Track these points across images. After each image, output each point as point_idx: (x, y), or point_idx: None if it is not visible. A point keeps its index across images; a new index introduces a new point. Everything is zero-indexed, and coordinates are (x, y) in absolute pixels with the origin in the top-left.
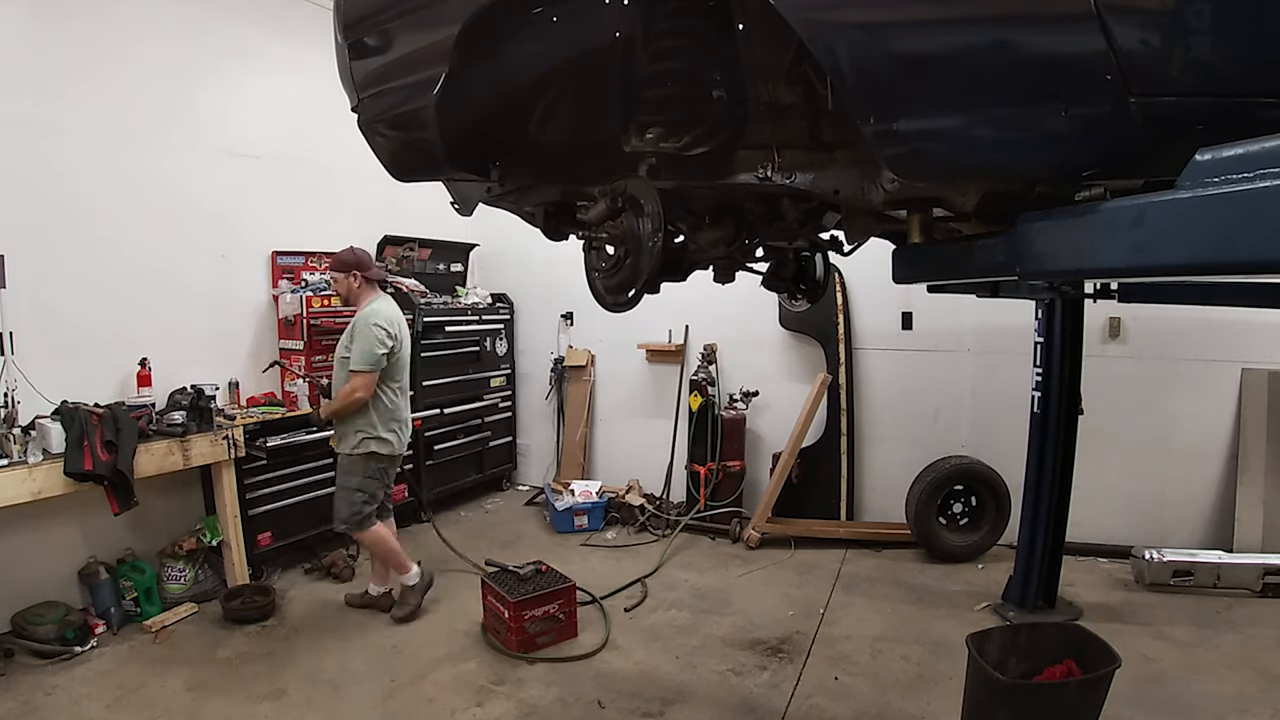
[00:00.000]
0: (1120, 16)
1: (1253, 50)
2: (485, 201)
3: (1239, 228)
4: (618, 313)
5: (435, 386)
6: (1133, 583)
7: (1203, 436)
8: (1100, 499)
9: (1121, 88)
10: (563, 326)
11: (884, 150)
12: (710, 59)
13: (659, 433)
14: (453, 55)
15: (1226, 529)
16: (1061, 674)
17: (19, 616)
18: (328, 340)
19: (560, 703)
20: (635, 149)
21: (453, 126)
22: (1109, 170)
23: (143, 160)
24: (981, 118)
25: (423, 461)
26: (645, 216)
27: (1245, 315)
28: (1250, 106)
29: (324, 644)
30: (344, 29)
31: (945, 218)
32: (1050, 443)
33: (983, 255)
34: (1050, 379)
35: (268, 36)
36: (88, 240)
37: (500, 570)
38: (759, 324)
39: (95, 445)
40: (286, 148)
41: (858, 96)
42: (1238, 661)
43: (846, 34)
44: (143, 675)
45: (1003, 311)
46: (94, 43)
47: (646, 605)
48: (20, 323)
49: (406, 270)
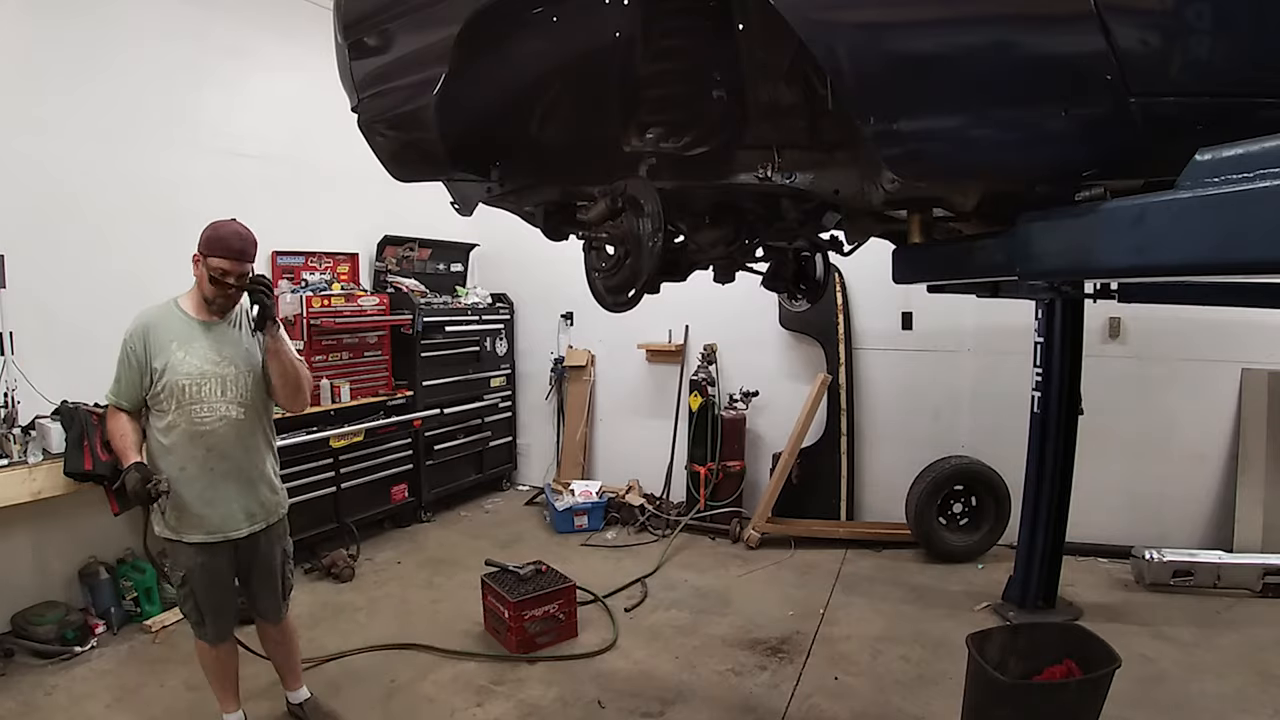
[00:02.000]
0: (1120, 17)
1: (1252, 50)
2: (485, 201)
3: (1238, 227)
4: (618, 313)
5: (435, 386)
6: (1133, 583)
7: (1203, 436)
8: (1100, 499)
9: (1121, 88)
10: (563, 326)
11: (884, 150)
12: (710, 59)
13: (659, 433)
14: (453, 55)
15: (1226, 529)
16: (1061, 674)
17: (19, 616)
18: (328, 340)
19: (560, 703)
20: (635, 149)
21: (453, 126)
22: (1109, 170)
23: (142, 160)
24: (982, 118)
25: (423, 461)
26: (645, 216)
27: (1245, 315)
28: (1249, 107)
29: (323, 644)
30: (344, 29)
31: (945, 218)
32: (1050, 443)
33: (983, 255)
34: (1050, 379)
35: (268, 37)
36: (88, 240)
37: (500, 570)
38: (759, 324)
39: (95, 445)
40: (286, 148)
41: (858, 96)
42: (1238, 661)
43: (847, 34)
44: (142, 675)
45: (1003, 312)
46: (94, 43)
47: (646, 605)
48: (20, 323)
49: (407, 270)
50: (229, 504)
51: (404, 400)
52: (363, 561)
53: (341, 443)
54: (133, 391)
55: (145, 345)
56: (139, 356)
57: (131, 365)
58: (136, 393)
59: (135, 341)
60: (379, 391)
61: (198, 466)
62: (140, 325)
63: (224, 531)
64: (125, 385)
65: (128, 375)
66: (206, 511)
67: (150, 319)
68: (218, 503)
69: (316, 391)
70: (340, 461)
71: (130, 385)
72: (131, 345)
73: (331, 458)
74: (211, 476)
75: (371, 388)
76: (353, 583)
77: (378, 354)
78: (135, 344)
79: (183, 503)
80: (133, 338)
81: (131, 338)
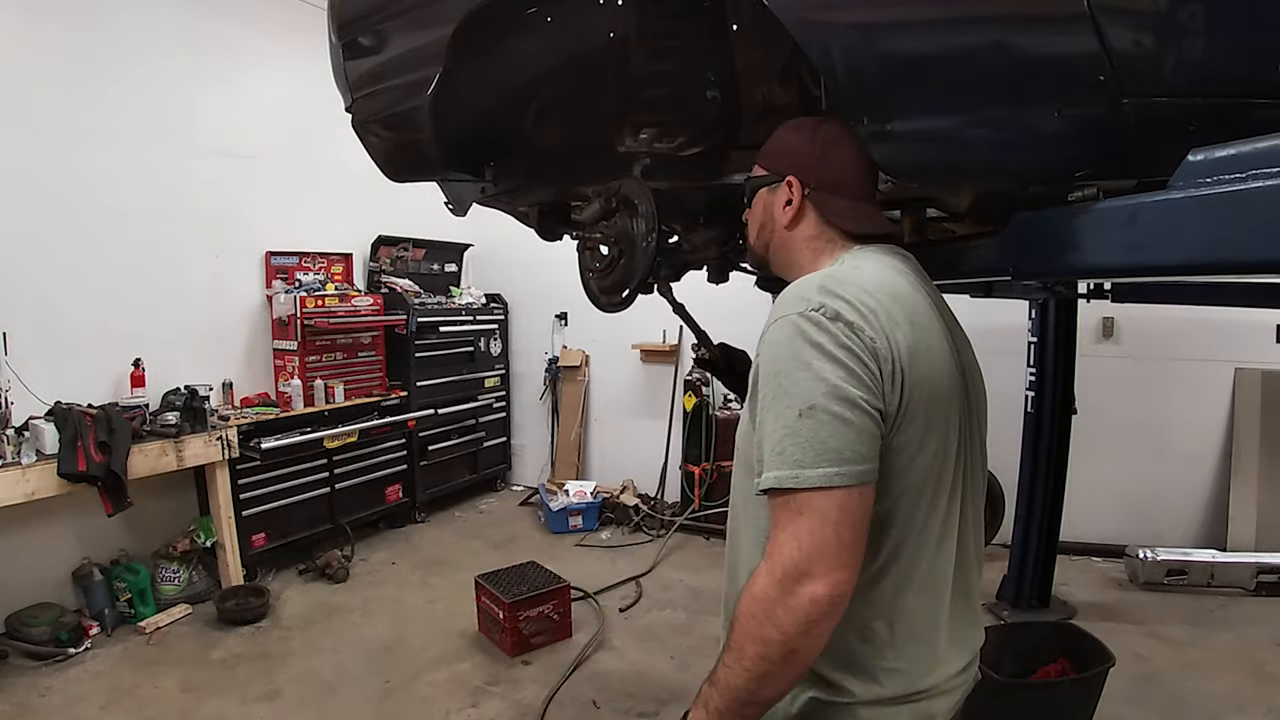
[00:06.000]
0: (1113, 17)
1: (1246, 51)
2: (479, 202)
3: (1231, 228)
4: (612, 313)
5: (429, 387)
6: (1127, 582)
7: (1196, 436)
8: (1094, 498)
9: (1115, 88)
10: (557, 326)
11: (877, 151)
12: (705, 60)
13: (653, 433)
14: (447, 55)
15: (1220, 528)
16: (1056, 673)
17: (13, 618)
18: (322, 340)
19: (555, 703)
20: (629, 149)
21: (447, 126)
22: (1102, 170)
23: (136, 161)
24: (975, 118)
25: (417, 462)
26: (639, 217)
27: (1238, 315)
28: (1243, 107)
29: (319, 645)
30: (338, 29)
31: (939, 218)
32: (1044, 442)
33: (976, 255)
34: (1044, 379)
35: (262, 36)
36: (81, 241)
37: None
38: (753, 324)
39: (89, 446)
40: (281, 148)
41: (851, 97)
42: (1231, 660)
43: (840, 35)
44: (137, 676)
45: (996, 311)
46: (89, 44)
47: (641, 605)
48: (13, 323)
49: (401, 270)
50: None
51: (398, 401)
52: (357, 562)
53: (335, 443)
54: None
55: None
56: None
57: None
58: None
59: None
60: (373, 392)
61: None
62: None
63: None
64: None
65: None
66: None
67: None
68: None
69: (311, 392)
70: (334, 462)
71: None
72: None
73: (325, 458)
74: None
75: (365, 388)
76: (347, 584)
77: (372, 354)
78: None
79: None
80: None
81: None
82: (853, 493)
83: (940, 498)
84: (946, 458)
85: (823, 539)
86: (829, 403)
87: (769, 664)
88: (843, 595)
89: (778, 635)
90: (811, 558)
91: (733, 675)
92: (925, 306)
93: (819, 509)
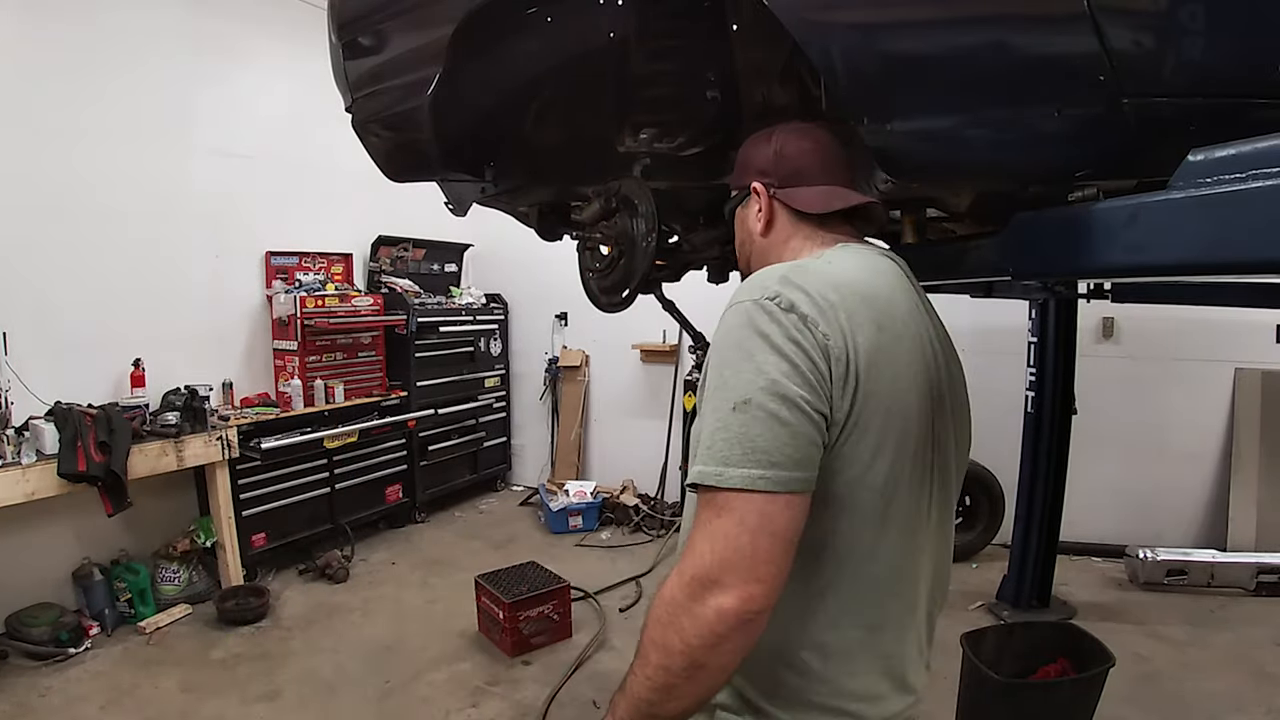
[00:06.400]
0: (1113, 17)
1: (1246, 51)
2: (479, 202)
3: (1232, 227)
4: (612, 313)
5: (430, 387)
6: (1127, 582)
7: (1196, 436)
8: (1094, 498)
9: (1115, 89)
10: (557, 327)
11: (878, 151)
12: (705, 60)
13: (653, 433)
14: (447, 55)
15: (1220, 528)
16: (1056, 673)
17: (13, 618)
18: (322, 341)
19: (556, 703)
20: (629, 149)
21: (447, 126)
22: (1102, 170)
23: (136, 160)
24: (975, 119)
25: (417, 462)
26: (639, 217)
27: (1238, 315)
28: (1243, 107)
29: (319, 645)
30: (338, 29)
31: (939, 218)
32: (1044, 442)
33: (976, 255)
34: (1044, 379)
35: (263, 36)
36: (81, 241)
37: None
38: None
39: (89, 446)
40: (281, 148)
41: (851, 97)
42: (1231, 660)
43: (840, 35)
44: (137, 677)
45: (996, 312)
46: (89, 43)
47: (641, 605)
48: (13, 323)
49: (401, 270)
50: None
51: (398, 401)
52: (357, 562)
53: (336, 443)
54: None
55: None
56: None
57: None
58: None
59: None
60: (373, 392)
61: None
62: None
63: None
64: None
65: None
66: None
67: None
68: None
69: (311, 392)
70: (334, 462)
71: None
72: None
73: (326, 458)
74: None
75: (366, 388)
76: (347, 584)
77: (372, 354)
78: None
79: None
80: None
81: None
82: (777, 500)
83: (891, 525)
84: (902, 481)
85: (737, 546)
86: (765, 399)
87: (670, 675)
88: (754, 612)
89: (680, 645)
90: (724, 565)
91: (637, 683)
92: (904, 314)
93: (738, 512)
